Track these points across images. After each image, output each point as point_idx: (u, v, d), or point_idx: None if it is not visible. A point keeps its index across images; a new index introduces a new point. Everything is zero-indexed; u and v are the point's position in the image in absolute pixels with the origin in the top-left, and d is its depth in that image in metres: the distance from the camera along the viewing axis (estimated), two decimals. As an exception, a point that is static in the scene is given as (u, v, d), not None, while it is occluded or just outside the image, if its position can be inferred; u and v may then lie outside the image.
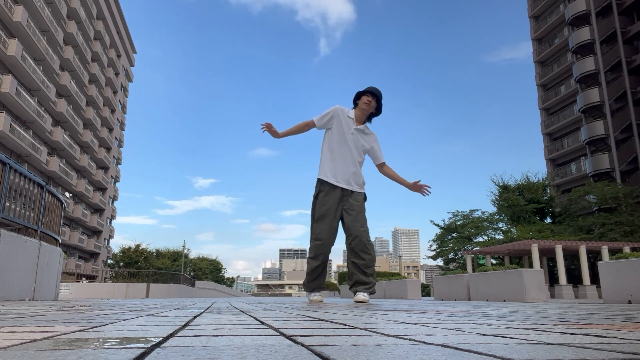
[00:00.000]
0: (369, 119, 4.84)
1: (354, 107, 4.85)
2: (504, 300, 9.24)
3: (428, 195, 4.80)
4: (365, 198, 4.80)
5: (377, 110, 4.80)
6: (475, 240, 26.50)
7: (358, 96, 4.80)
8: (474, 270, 17.34)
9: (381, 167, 4.93)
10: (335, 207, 4.62)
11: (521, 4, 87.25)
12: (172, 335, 1.15)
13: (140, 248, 46.89)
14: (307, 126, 4.81)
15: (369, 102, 4.70)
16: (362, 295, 4.57)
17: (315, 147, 4.93)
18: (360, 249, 4.59)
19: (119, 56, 52.01)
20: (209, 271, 59.34)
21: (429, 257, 29.62)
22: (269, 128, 4.73)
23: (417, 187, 4.80)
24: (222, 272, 65.10)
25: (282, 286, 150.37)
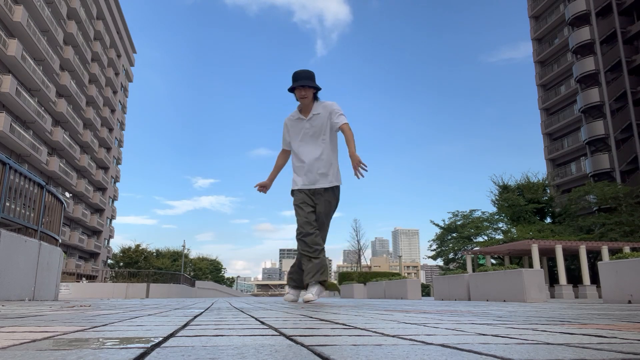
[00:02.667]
0: (315, 98, 4.69)
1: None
2: (504, 300, 9.24)
3: (359, 177, 4.36)
4: (337, 196, 4.57)
5: (316, 89, 4.64)
6: (475, 240, 26.50)
7: (292, 91, 4.68)
8: (474, 270, 17.35)
9: (341, 128, 4.59)
10: (306, 199, 4.59)
11: (521, 3, 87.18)
12: (172, 335, 1.15)
13: (140, 248, 46.93)
14: (284, 154, 4.92)
15: (303, 95, 4.59)
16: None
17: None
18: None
19: (119, 56, 52.02)
20: (209, 271, 59.39)
21: (429, 257, 29.63)
22: (263, 187, 4.85)
23: (354, 164, 4.40)
24: (222, 272, 65.17)
25: (282, 286, 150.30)
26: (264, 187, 4.86)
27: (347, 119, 4.54)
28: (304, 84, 4.54)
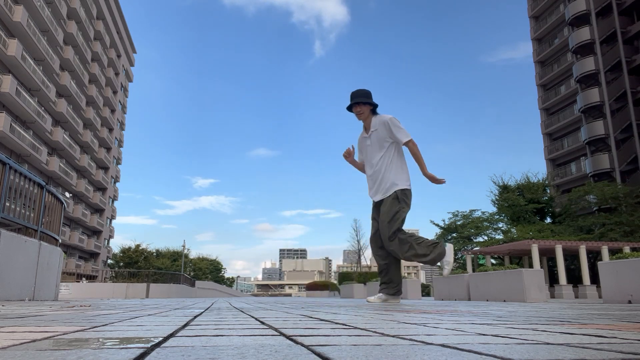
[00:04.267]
0: (373, 113, 4.96)
1: None
2: (504, 300, 9.24)
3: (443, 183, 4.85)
4: (397, 197, 4.80)
5: (372, 105, 4.94)
6: (475, 240, 26.49)
7: (350, 109, 5.02)
8: (474, 270, 17.34)
9: (406, 146, 4.87)
10: (374, 213, 5.03)
11: (520, 3, 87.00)
12: (172, 335, 1.15)
13: (140, 248, 46.96)
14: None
15: (359, 112, 4.94)
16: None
17: (315, 148, 4.94)
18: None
19: (119, 56, 52.01)
20: (209, 271, 59.40)
21: (429, 257, 29.59)
22: (349, 155, 5.04)
23: (434, 182, 4.84)
24: (222, 272, 65.18)
25: (282, 286, 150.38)
26: (349, 155, 5.07)
27: (409, 135, 4.77)
28: (357, 102, 4.90)
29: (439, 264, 4.87)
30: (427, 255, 4.65)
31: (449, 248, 4.72)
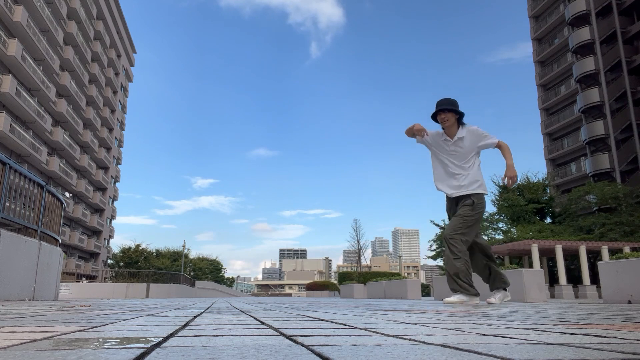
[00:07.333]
0: (459, 123, 4.98)
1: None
2: (504, 300, 9.24)
3: (509, 185, 4.95)
4: (474, 202, 4.80)
5: (458, 114, 4.95)
6: (475, 241, 26.49)
7: (435, 118, 5.04)
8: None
9: (498, 146, 4.99)
10: (451, 208, 5.04)
11: (520, 3, 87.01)
12: (172, 335, 1.15)
13: (140, 248, 46.97)
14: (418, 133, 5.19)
15: (444, 119, 4.93)
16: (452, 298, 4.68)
17: (314, 147, 4.95)
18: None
19: (119, 56, 52.01)
20: (209, 271, 59.39)
21: (429, 257, 29.64)
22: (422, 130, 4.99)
23: (508, 174, 4.87)
24: (222, 272, 65.18)
25: (282, 286, 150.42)
26: (422, 131, 5.02)
27: (495, 137, 4.88)
28: (444, 108, 4.89)
29: (455, 294, 4.68)
30: (461, 280, 4.57)
31: (471, 299, 4.67)
